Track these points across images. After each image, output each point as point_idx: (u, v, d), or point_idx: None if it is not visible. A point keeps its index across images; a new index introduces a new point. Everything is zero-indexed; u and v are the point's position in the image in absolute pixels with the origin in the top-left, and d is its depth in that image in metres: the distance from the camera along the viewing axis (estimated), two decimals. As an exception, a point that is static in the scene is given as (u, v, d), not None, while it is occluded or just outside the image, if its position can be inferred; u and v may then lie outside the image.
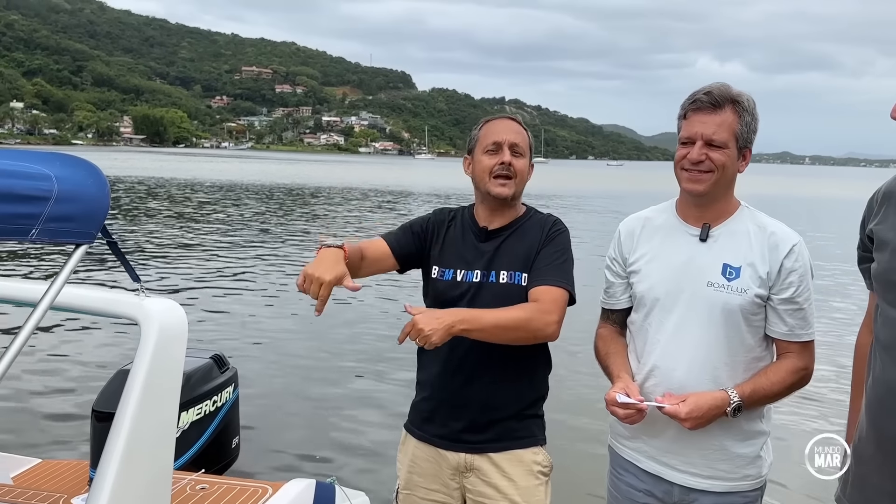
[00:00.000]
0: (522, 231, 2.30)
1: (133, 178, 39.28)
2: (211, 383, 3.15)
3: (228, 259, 13.64)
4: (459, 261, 2.29)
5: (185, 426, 2.98)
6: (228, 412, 3.24)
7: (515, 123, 2.33)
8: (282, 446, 5.11)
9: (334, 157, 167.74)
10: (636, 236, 2.23)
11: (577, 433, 5.28)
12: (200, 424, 3.07)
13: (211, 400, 3.12)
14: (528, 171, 2.32)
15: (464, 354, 2.21)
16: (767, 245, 2.05)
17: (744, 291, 2.03)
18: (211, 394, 3.13)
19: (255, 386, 6.08)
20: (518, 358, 2.23)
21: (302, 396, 6.28)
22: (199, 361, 3.15)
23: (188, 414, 2.99)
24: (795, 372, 2.06)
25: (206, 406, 3.09)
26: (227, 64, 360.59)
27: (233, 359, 3.46)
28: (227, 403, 3.23)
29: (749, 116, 2.03)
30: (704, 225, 2.11)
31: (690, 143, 2.02)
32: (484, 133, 2.32)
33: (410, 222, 2.41)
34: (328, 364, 7.16)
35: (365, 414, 5.80)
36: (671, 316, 2.10)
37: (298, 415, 5.82)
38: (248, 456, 3.73)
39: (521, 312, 2.10)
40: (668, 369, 2.09)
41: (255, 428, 5.13)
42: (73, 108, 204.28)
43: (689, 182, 2.05)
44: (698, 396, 1.99)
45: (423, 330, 1.93)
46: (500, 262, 2.25)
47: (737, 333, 2.05)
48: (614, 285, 2.28)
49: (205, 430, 3.09)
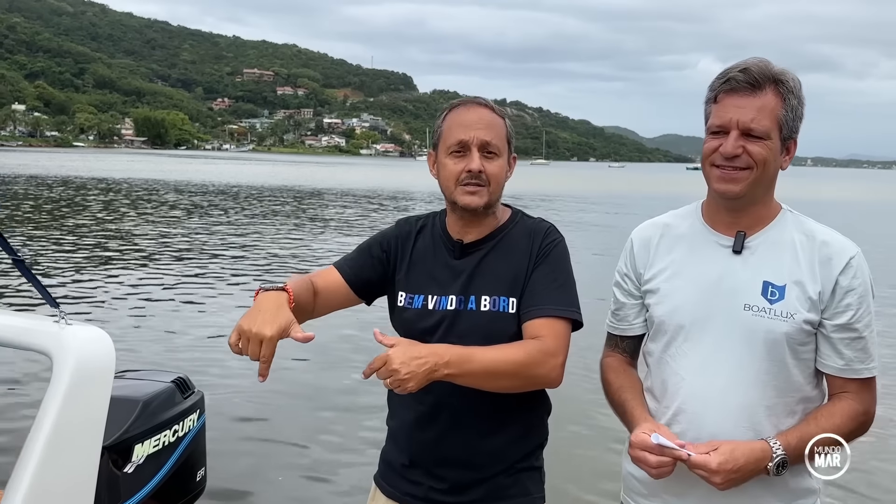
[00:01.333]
0: (507, 243, 1.88)
1: (119, 179, 38.97)
2: (172, 410, 2.81)
3: (200, 269, 12.30)
4: (430, 283, 1.88)
5: (140, 460, 2.65)
6: (192, 442, 2.90)
7: (486, 111, 1.85)
8: (254, 477, 4.67)
9: (335, 159, 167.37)
10: (653, 247, 1.84)
11: (582, 486, 4.49)
12: (158, 458, 2.73)
13: (171, 429, 2.78)
14: (507, 170, 1.87)
15: (443, 399, 1.81)
16: (818, 258, 1.67)
17: (790, 316, 1.65)
18: (171, 422, 2.79)
19: (226, 411, 5.52)
20: (510, 401, 1.82)
21: (282, 421, 5.67)
22: (158, 386, 2.82)
23: (143, 447, 2.65)
24: (854, 417, 1.67)
25: (165, 437, 2.75)
26: (229, 66, 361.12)
27: (201, 381, 3.13)
28: (190, 432, 2.89)
29: (795, 99, 1.65)
30: (738, 233, 1.72)
31: (723, 132, 1.64)
32: (447, 126, 1.86)
33: (369, 241, 1.99)
34: (312, 384, 6.55)
35: (350, 442, 5.25)
36: (699, 347, 1.72)
37: (275, 441, 5.24)
38: (216, 488, 3.40)
39: (520, 355, 1.69)
40: (695, 414, 1.71)
41: (225, 457, 4.63)
42: (74, 111, 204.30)
43: (721, 181, 1.67)
44: (734, 445, 1.61)
45: (399, 372, 1.54)
46: (481, 284, 1.83)
47: (781, 369, 1.67)
48: (625, 306, 1.89)
49: (163, 464, 2.76)
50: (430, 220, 1.98)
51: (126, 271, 11.87)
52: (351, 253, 1.99)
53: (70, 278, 11.03)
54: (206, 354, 7.16)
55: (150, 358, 6.77)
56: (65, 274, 11.33)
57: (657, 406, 1.80)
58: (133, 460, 2.61)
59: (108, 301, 9.59)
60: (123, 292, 10.15)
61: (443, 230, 1.93)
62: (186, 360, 6.84)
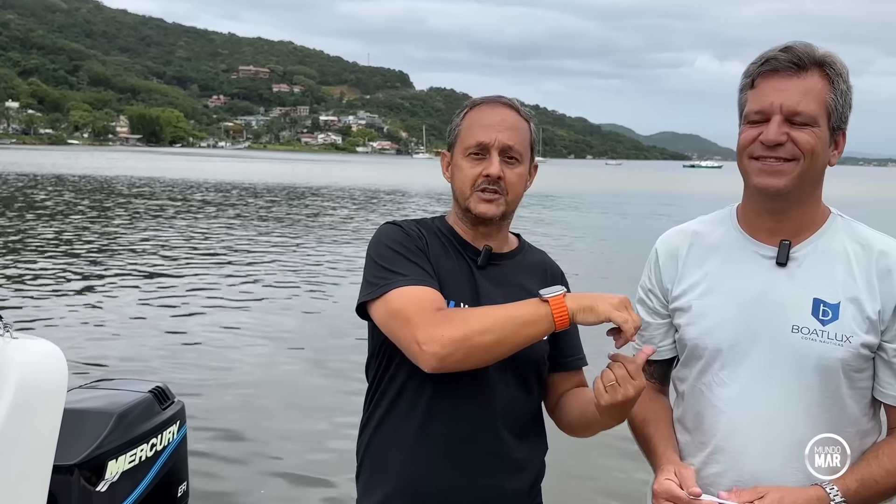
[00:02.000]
0: (525, 266, 1.74)
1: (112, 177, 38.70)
2: (149, 423, 2.63)
3: (181, 270, 11.77)
4: (457, 289, 1.64)
5: (115, 478, 2.46)
6: (172, 455, 2.71)
7: (512, 112, 1.68)
8: (240, 491, 4.43)
9: (332, 157, 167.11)
10: (681, 258, 1.62)
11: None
12: (135, 474, 2.54)
13: (148, 443, 2.60)
14: (526, 180, 1.71)
15: (470, 431, 1.60)
16: (876, 271, 1.46)
17: (846, 339, 1.44)
18: (149, 435, 2.60)
19: (211, 420, 5.24)
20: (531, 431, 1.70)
21: (269, 431, 5.35)
22: (134, 396, 2.63)
23: (118, 463, 2.46)
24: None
25: (142, 451, 2.56)
26: (224, 63, 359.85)
27: (182, 390, 2.94)
28: (170, 445, 2.71)
29: (844, 84, 1.44)
30: (783, 242, 1.50)
31: (763, 119, 1.43)
32: (467, 126, 1.68)
33: (406, 246, 1.64)
34: (300, 391, 6.26)
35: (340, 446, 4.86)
36: (739, 374, 1.50)
37: (262, 454, 4.95)
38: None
39: None
40: (736, 453, 1.50)
41: (211, 471, 4.47)
42: (69, 108, 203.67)
43: (762, 174, 1.44)
44: (783, 493, 1.40)
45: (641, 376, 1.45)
46: (513, 299, 1.58)
47: (835, 400, 1.46)
48: (651, 326, 1.67)
49: (140, 480, 2.57)
50: (427, 224, 1.75)
51: (90, 274, 11.28)
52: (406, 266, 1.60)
53: (24, 284, 10.23)
54: (184, 360, 6.85)
55: (125, 366, 6.44)
56: (17, 280, 10.47)
57: (689, 440, 1.59)
58: (106, 478, 2.43)
59: (73, 307, 8.92)
60: (88, 298, 9.54)
61: (453, 236, 1.72)
62: (164, 367, 6.49)
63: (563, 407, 1.73)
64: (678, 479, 1.45)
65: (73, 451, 2.32)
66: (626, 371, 1.42)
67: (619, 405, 1.44)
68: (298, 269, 12.42)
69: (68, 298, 9.50)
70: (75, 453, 2.32)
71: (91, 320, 8.30)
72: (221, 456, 4.79)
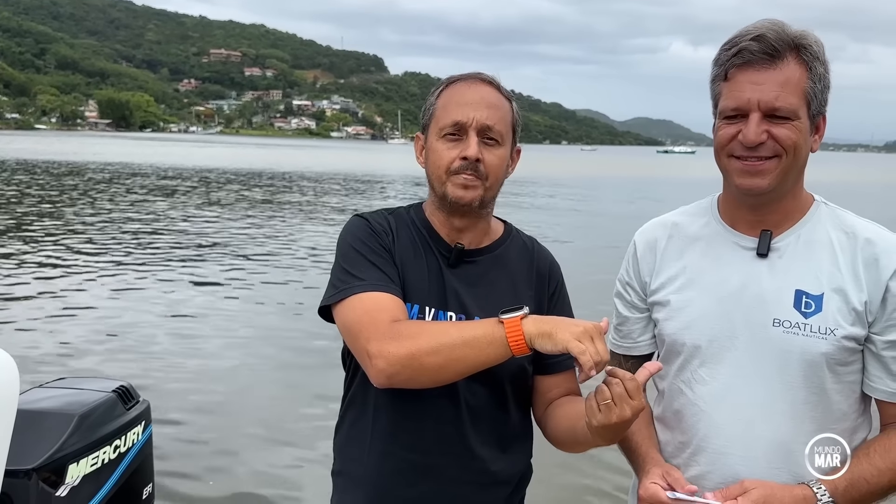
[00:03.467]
0: (507, 260, 1.60)
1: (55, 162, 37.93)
2: (113, 423, 2.54)
3: (145, 260, 11.24)
4: (424, 292, 1.53)
5: (76, 482, 2.38)
6: (136, 457, 2.63)
7: (492, 89, 1.54)
8: (209, 490, 4.30)
9: (305, 142, 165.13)
10: (660, 251, 1.56)
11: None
12: (97, 477, 2.46)
13: (111, 445, 2.51)
14: (509, 163, 1.57)
15: (437, 444, 1.52)
16: (862, 260, 1.40)
17: (830, 332, 1.38)
18: (112, 437, 2.52)
19: (179, 419, 5.09)
20: (513, 443, 1.59)
21: (241, 428, 5.18)
22: (97, 396, 2.54)
23: (79, 466, 2.38)
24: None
25: (104, 453, 2.48)
26: (195, 47, 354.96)
27: (148, 387, 2.85)
28: (134, 446, 2.63)
29: (821, 66, 1.37)
30: (764, 233, 1.44)
31: (741, 116, 1.37)
32: (442, 104, 1.54)
33: (368, 245, 1.53)
34: (273, 386, 6.08)
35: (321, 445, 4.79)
36: (719, 371, 1.45)
37: (233, 453, 4.80)
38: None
39: None
40: (718, 453, 1.44)
41: (179, 471, 4.35)
42: (35, 92, 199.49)
43: (744, 175, 1.38)
44: (770, 491, 1.35)
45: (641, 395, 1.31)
46: (485, 303, 1.51)
47: (821, 396, 1.41)
48: (629, 321, 1.61)
49: (103, 483, 2.49)
50: (398, 214, 1.63)
51: (46, 263, 10.81)
52: (366, 269, 1.50)
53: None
54: (149, 357, 6.59)
55: (88, 365, 6.18)
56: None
57: (671, 440, 1.54)
58: (67, 482, 2.35)
59: (29, 299, 8.54)
60: (44, 290, 9.06)
61: (427, 229, 1.60)
62: (128, 365, 6.25)
63: (550, 417, 1.59)
64: (667, 482, 1.41)
65: (32, 455, 2.25)
66: (623, 389, 1.29)
67: (613, 426, 1.30)
68: (270, 260, 12.18)
69: (25, 288, 9.12)
70: (34, 457, 2.25)
71: (50, 315, 7.92)
72: (188, 455, 4.67)
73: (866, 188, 38.61)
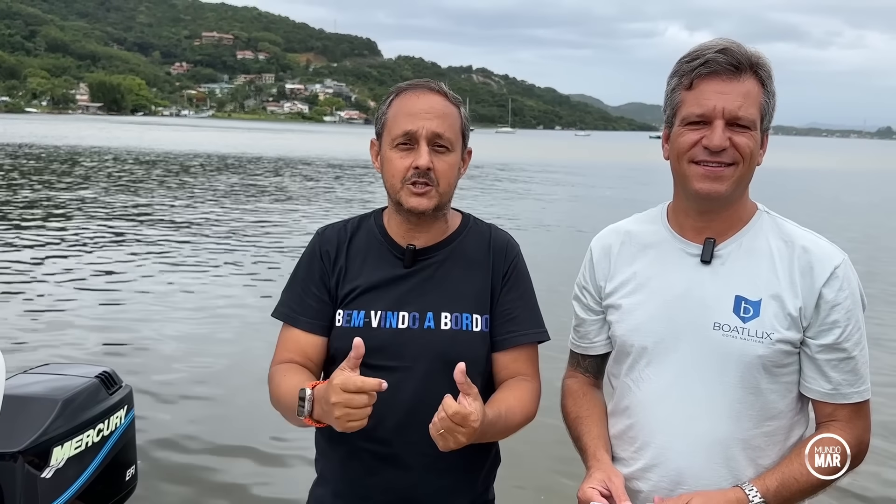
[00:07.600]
0: (462, 252, 1.67)
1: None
2: (96, 408, 2.63)
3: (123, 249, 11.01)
4: (373, 297, 1.62)
5: (60, 464, 2.47)
6: (120, 439, 2.73)
7: (439, 98, 1.61)
8: (192, 473, 4.37)
9: (299, 126, 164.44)
10: (613, 256, 1.64)
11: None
12: (81, 459, 2.55)
13: (95, 428, 2.61)
14: (460, 167, 1.64)
15: (397, 434, 1.58)
16: (798, 268, 1.47)
17: (766, 336, 1.46)
18: (95, 421, 2.61)
19: (164, 402, 5.20)
20: None
21: (226, 411, 5.27)
22: (80, 382, 2.63)
23: (63, 449, 2.48)
24: (845, 448, 1.47)
25: (88, 437, 2.57)
26: (187, 29, 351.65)
27: (130, 372, 2.94)
28: (117, 430, 2.72)
29: (772, 86, 1.47)
30: (707, 240, 1.52)
31: (704, 123, 1.44)
32: (393, 115, 1.62)
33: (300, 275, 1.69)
34: (256, 369, 6.08)
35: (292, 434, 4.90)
36: (663, 371, 1.53)
37: (216, 435, 4.88)
38: (148, 487, 3.22)
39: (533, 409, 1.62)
40: (661, 448, 1.52)
41: (160, 454, 4.44)
42: (26, 75, 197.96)
43: (705, 180, 1.45)
44: (705, 498, 1.42)
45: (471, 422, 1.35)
46: (439, 298, 1.60)
47: (757, 396, 1.48)
48: (586, 322, 1.70)
49: (87, 466, 2.58)
50: (361, 222, 1.73)
51: (22, 245, 10.78)
52: (289, 297, 1.69)
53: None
54: (132, 342, 6.61)
55: (70, 352, 6.20)
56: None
57: (621, 434, 1.62)
58: (52, 464, 2.44)
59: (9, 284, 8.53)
60: (31, 275, 9.09)
61: (383, 234, 1.69)
62: (111, 350, 6.31)
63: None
64: (606, 488, 1.47)
65: (18, 438, 2.33)
66: (451, 423, 1.34)
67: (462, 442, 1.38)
68: (258, 243, 12.20)
69: (6, 276, 9.10)
70: (19, 440, 2.33)
71: (33, 300, 7.93)
72: (171, 438, 4.75)
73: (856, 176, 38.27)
